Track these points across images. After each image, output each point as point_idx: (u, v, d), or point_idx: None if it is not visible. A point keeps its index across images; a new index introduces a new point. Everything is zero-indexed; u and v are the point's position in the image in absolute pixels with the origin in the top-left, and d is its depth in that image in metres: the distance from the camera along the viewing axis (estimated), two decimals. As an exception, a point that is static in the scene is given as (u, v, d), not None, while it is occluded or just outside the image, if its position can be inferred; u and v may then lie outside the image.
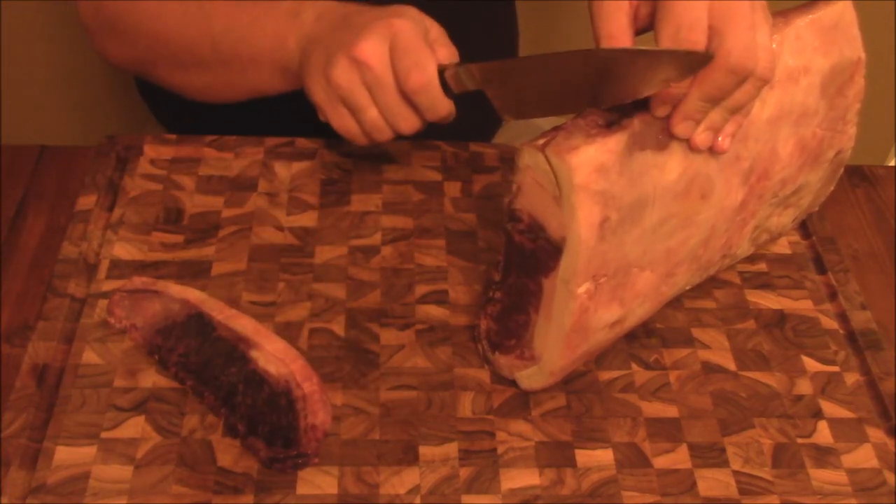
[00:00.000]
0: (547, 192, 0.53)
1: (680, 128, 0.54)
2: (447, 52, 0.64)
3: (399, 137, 0.66)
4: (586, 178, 0.51)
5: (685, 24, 0.51)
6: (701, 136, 0.55)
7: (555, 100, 0.56)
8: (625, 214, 0.53)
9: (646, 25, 0.55)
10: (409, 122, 0.64)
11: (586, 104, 0.54)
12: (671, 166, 0.55)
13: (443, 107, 0.63)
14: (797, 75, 0.59)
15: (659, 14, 0.52)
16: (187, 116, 0.92)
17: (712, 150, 0.56)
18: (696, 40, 0.51)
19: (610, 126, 0.53)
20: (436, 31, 0.64)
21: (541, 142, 0.52)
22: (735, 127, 0.56)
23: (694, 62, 0.52)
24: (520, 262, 0.57)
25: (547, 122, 1.00)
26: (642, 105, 0.54)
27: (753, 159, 0.59)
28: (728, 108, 0.54)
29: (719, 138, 0.55)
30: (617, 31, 0.54)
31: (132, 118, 1.42)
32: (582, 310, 0.55)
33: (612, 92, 0.53)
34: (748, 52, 0.51)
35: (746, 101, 0.54)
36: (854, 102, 0.63)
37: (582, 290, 0.54)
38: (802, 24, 0.59)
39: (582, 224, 0.52)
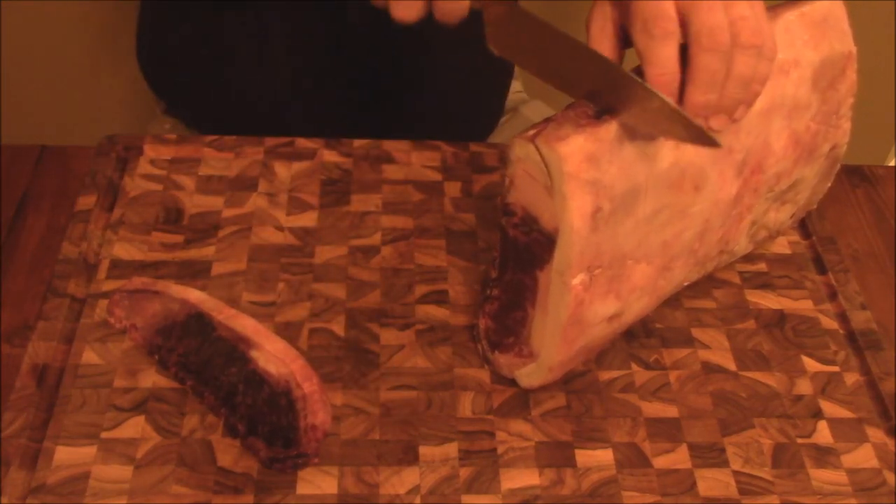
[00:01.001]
0: (539, 184, 0.53)
1: None
2: None
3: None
4: (577, 167, 0.51)
5: (650, 16, 0.52)
6: (716, 120, 0.54)
7: (551, 71, 0.56)
8: (617, 204, 0.53)
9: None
10: (410, 10, 0.56)
11: (578, 94, 0.54)
12: (663, 155, 0.55)
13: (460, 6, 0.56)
14: (787, 67, 0.59)
15: (630, 15, 0.53)
16: (194, 96, 0.92)
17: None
18: (664, 27, 0.51)
19: (600, 116, 0.53)
20: None
21: (531, 133, 0.53)
22: (752, 97, 0.54)
23: (696, 136, 0.52)
24: (515, 256, 0.57)
25: (538, 116, 1.01)
26: None
27: (746, 152, 0.59)
28: (736, 84, 0.53)
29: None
30: (604, 51, 0.55)
31: (132, 118, 1.43)
32: (577, 302, 0.55)
33: (611, 104, 0.53)
34: (716, 29, 0.51)
35: (749, 72, 0.53)
36: (847, 97, 0.64)
37: (577, 281, 0.54)
38: (791, 17, 0.60)
39: (574, 213, 0.52)
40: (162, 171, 0.75)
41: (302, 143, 0.78)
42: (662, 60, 0.52)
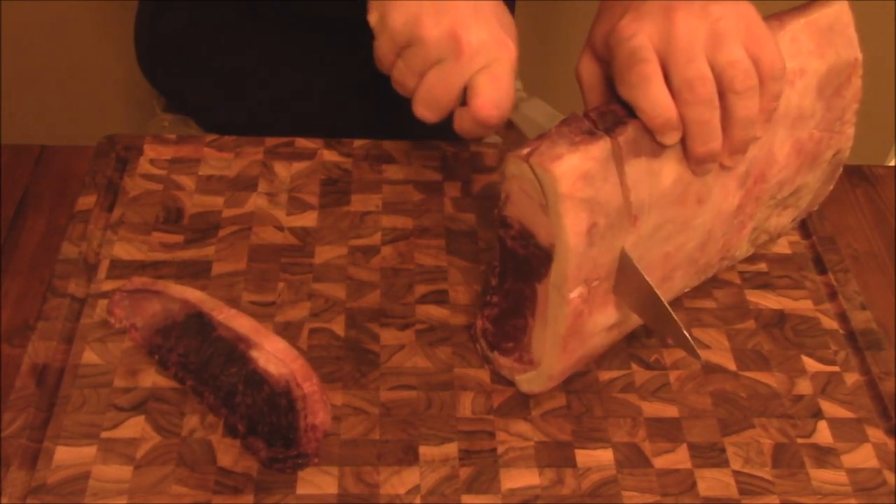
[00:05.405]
0: (534, 201, 0.53)
1: (700, 171, 0.54)
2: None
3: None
4: (571, 186, 0.51)
5: (626, 66, 0.52)
6: (731, 160, 0.55)
7: None
8: (613, 220, 0.53)
9: None
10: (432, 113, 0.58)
11: None
12: (666, 172, 0.54)
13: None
14: (792, 78, 0.59)
15: (613, 69, 0.54)
16: (195, 90, 0.92)
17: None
18: (640, 72, 0.52)
19: (595, 132, 0.52)
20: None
21: (525, 151, 0.52)
22: (767, 116, 0.55)
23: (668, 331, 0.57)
24: (514, 267, 0.57)
25: (537, 114, 1.00)
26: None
27: (750, 163, 0.59)
28: (741, 127, 0.53)
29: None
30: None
31: (132, 118, 1.43)
32: (576, 314, 0.55)
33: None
34: (696, 81, 0.51)
35: (752, 113, 0.53)
36: (852, 103, 0.63)
37: (574, 294, 0.54)
38: (797, 26, 0.59)
39: (569, 231, 0.51)
40: (162, 171, 0.75)
41: (302, 143, 0.78)
42: (650, 104, 0.51)
